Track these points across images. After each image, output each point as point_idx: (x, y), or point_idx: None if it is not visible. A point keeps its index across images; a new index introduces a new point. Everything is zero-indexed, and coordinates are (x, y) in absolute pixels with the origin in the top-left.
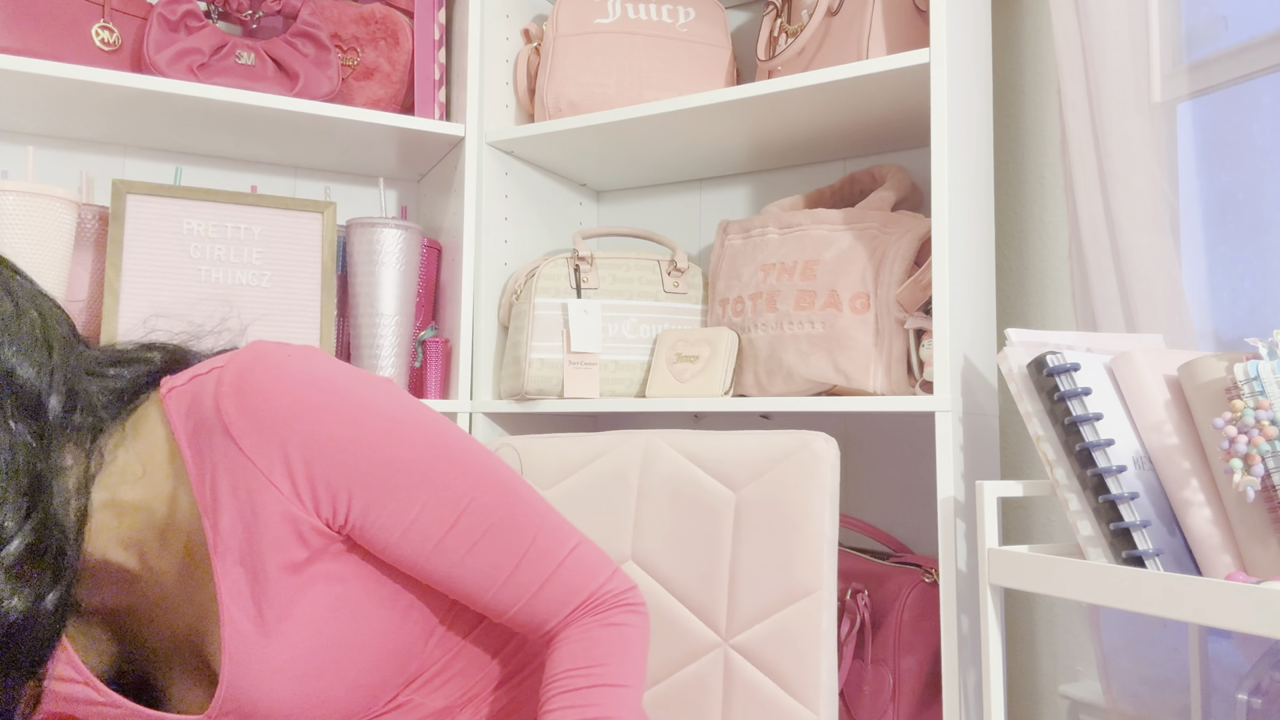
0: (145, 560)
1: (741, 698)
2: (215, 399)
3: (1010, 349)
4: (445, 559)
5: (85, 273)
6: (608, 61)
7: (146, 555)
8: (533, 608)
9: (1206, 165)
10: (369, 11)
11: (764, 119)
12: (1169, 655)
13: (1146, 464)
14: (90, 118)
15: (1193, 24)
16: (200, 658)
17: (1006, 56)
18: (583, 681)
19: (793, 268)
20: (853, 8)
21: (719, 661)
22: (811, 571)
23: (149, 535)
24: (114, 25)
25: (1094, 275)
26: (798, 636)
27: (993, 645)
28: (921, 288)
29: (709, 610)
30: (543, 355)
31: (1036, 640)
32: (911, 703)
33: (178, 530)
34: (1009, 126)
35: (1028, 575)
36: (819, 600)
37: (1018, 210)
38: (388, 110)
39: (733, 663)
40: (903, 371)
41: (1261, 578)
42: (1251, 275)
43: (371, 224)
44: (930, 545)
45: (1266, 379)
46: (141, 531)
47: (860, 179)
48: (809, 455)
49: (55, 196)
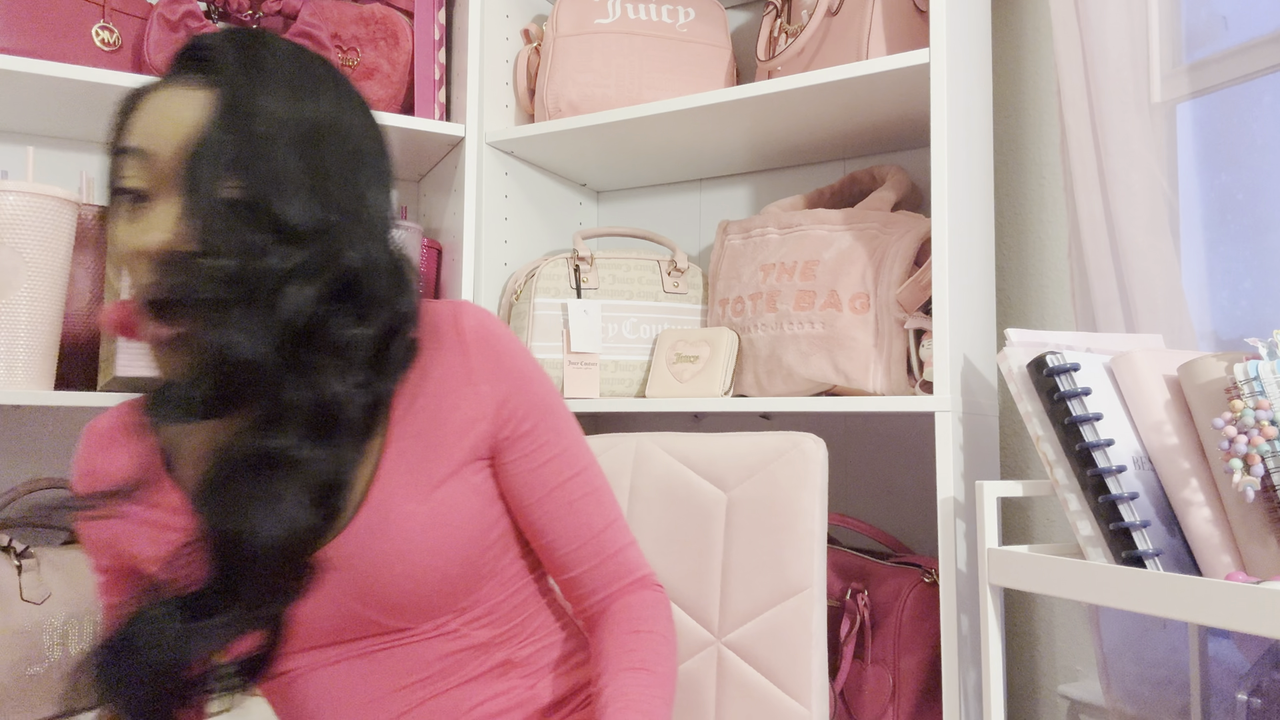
0: None
1: (735, 694)
2: (457, 319)
3: (1010, 349)
4: (554, 503)
5: (85, 273)
6: (608, 62)
7: None
8: (600, 571)
9: (1206, 165)
10: (369, 11)
11: (764, 119)
12: (1169, 655)
13: (1146, 464)
14: (90, 118)
15: (1193, 24)
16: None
17: (1006, 56)
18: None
19: (793, 268)
20: (853, 8)
21: (712, 659)
22: (802, 569)
23: None
24: (114, 25)
25: (1094, 275)
26: (789, 633)
27: (992, 645)
28: (921, 288)
29: (701, 608)
30: (543, 355)
31: (1036, 640)
32: (911, 703)
33: None
34: (1009, 126)
35: (1028, 575)
36: (810, 597)
37: (1018, 210)
38: (388, 110)
39: (725, 660)
40: (903, 372)
41: (1261, 578)
42: (1251, 275)
43: None
44: (930, 545)
45: (1266, 379)
46: None
47: (860, 179)
48: (798, 455)
49: (55, 196)
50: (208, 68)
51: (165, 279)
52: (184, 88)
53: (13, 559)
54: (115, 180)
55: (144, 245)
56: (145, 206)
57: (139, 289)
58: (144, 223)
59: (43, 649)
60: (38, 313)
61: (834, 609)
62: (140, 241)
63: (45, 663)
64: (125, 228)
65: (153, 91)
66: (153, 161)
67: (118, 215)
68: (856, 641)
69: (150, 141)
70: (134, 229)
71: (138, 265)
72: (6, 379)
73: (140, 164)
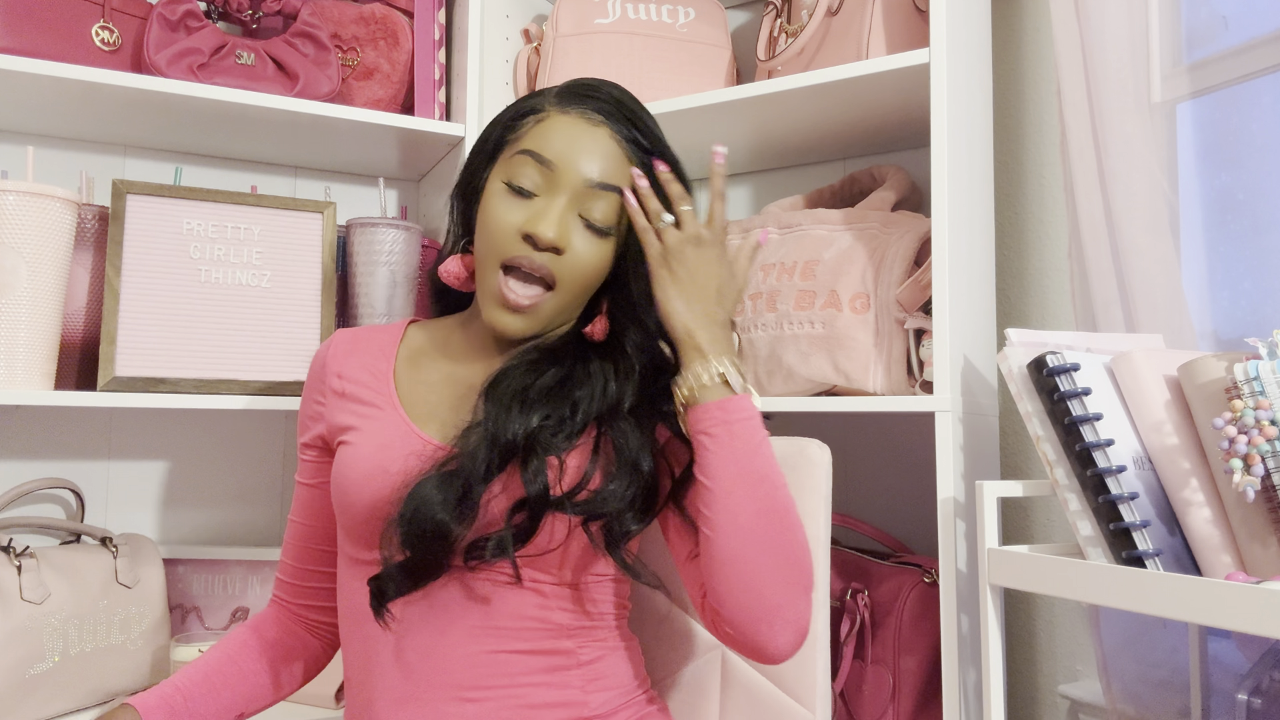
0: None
1: (739, 697)
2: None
3: (1010, 349)
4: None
5: (85, 273)
6: (607, 62)
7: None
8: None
9: (1206, 165)
10: (369, 11)
11: (764, 119)
12: (1169, 655)
13: (1146, 464)
14: (90, 118)
15: (1193, 24)
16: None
17: (1006, 56)
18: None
19: (793, 268)
20: (853, 7)
21: (716, 662)
22: None
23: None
24: (114, 25)
25: (1094, 275)
26: None
27: (992, 645)
28: (921, 288)
29: None
30: None
31: (1036, 640)
32: (911, 703)
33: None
34: (1009, 126)
35: (1028, 575)
36: (814, 602)
37: (1018, 210)
38: (388, 110)
39: (730, 663)
40: (903, 371)
41: (1261, 578)
42: (1251, 275)
43: (371, 224)
44: (930, 545)
45: (1266, 379)
46: None
47: (860, 179)
48: (804, 461)
49: (55, 196)
50: (630, 139)
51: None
52: (610, 136)
53: (13, 559)
54: (515, 178)
55: (536, 231)
56: (530, 200)
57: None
58: (529, 211)
59: (43, 649)
60: (38, 313)
61: (834, 609)
62: (534, 227)
63: (45, 663)
64: (512, 208)
65: (560, 115)
66: (556, 173)
67: (502, 197)
68: (856, 641)
69: (558, 158)
70: (518, 212)
71: (513, 238)
72: (6, 379)
73: (543, 171)
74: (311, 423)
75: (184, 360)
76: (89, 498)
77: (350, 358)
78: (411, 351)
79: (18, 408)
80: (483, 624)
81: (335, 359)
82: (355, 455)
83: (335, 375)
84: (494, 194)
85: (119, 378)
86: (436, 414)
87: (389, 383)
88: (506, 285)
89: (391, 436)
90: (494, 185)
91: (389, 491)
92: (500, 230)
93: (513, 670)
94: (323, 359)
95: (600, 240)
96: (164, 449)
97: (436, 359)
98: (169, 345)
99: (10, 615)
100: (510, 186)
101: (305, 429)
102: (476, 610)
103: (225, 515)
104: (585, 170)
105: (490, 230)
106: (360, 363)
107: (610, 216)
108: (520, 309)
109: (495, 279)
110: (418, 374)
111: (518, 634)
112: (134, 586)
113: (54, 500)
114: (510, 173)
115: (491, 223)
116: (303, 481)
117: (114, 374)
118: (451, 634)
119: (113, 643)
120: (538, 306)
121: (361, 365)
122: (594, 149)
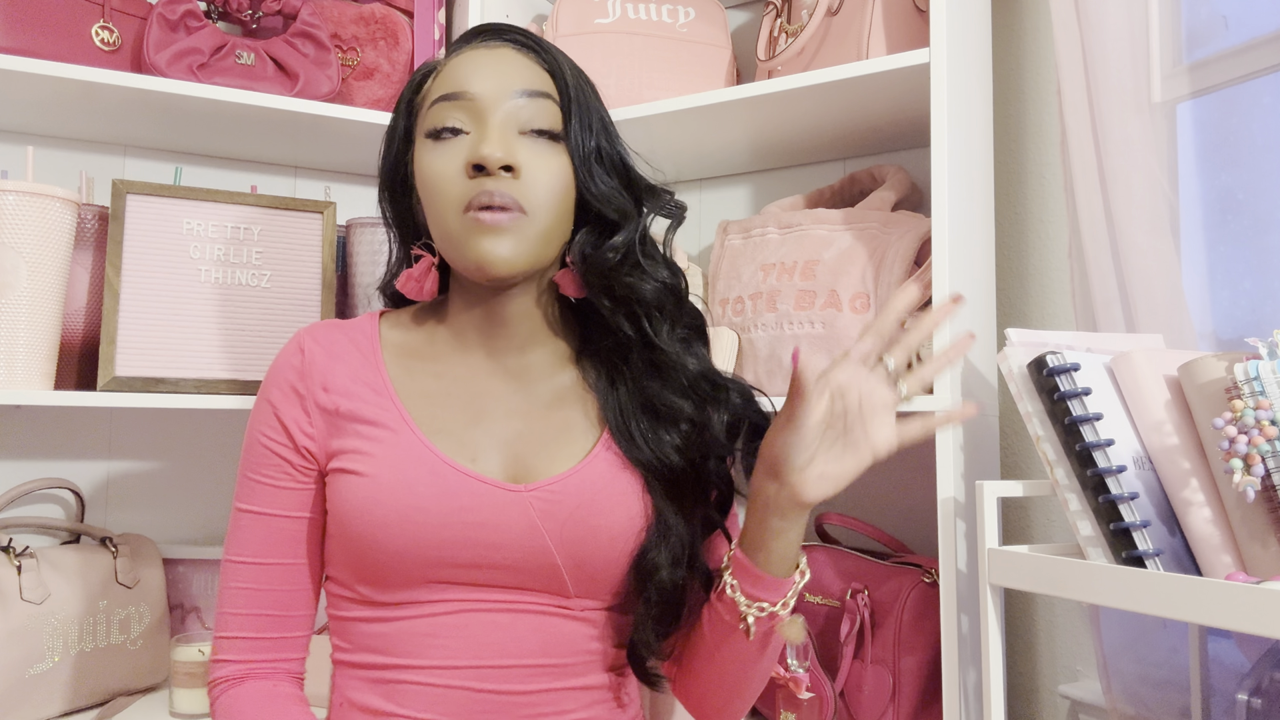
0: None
1: None
2: None
3: (1010, 349)
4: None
5: (85, 273)
6: (608, 61)
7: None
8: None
9: (1206, 165)
10: (369, 11)
11: (764, 119)
12: (1169, 655)
13: (1146, 464)
14: (90, 118)
15: (1193, 24)
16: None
17: (1006, 56)
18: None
19: (793, 268)
20: (853, 7)
21: None
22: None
23: None
24: (114, 25)
25: (1094, 275)
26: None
27: (993, 645)
28: (922, 288)
29: None
30: None
31: (1036, 640)
32: (911, 703)
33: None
34: (1009, 126)
35: (1028, 575)
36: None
37: (1018, 210)
38: (388, 110)
39: None
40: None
41: (1261, 578)
42: (1251, 275)
43: (371, 224)
44: (930, 545)
45: (1266, 379)
46: None
47: (860, 179)
48: None
49: (55, 196)
50: (535, 47)
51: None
52: (516, 52)
53: (13, 559)
54: (441, 124)
55: (480, 154)
56: (464, 136)
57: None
58: (467, 145)
59: (43, 649)
60: (38, 313)
61: (834, 609)
62: (476, 151)
63: (45, 663)
64: (448, 152)
65: (458, 55)
66: (478, 100)
67: (432, 150)
68: (856, 641)
69: (474, 84)
70: (456, 152)
71: (462, 179)
72: (6, 379)
73: (465, 105)
74: (286, 442)
75: (184, 360)
76: (89, 498)
77: (333, 365)
78: (397, 355)
79: (18, 408)
80: (525, 648)
81: (317, 369)
82: (375, 489)
83: (321, 389)
84: (424, 154)
85: (119, 378)
86: (450, 430)
87: (390, 396)
88: (478, 215)
89: (414, 465)
90: (421, 149)
91: (428, 533)
92: (446, 178)
93: (554, 703)
94: (299, 369)
95: (553, 146)
96: (164, 449)
97: (426, 362)
98: (169, 345)
99: (10, 615)
100: (437, 134)
101: (274, 449)
102: (516, 634)
103: (225, 515)
104: (507, 84)
105: (437, 186)
106: (346, 371)
107: (555, 120)
108: (500, 225)
109: (462, 221)
110: (414, 382)
111: (553, 653)
112: (134, 586)
113: (54, 500)
114: (431, 126)
115: (435, 178)
116: (279, 513)
117: (114, 374)
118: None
119: (113, 643)
120: (519, 225)
121: (349, 375)
122: (506, 65)
